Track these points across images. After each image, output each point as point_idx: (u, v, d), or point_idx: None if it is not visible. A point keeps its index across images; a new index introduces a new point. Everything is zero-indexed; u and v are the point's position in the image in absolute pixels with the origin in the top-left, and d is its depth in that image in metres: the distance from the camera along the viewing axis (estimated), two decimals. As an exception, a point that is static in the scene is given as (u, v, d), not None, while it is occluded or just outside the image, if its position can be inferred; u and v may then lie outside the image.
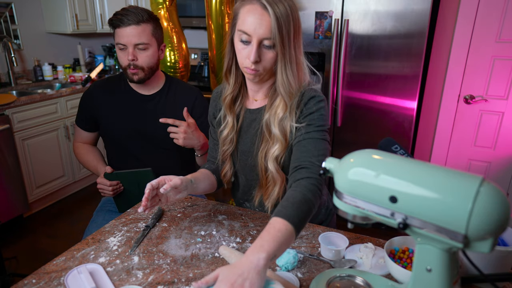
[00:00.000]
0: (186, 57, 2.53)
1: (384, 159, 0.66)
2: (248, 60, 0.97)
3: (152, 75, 1.46)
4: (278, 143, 1.04)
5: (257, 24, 0.93)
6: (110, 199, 1.60)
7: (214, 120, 1.23)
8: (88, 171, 3.30)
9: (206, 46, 2.72)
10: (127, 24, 1.33)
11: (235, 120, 1.14)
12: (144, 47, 1.38)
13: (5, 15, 3.10)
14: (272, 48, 0.96)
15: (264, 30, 0.93)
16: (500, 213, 0.54)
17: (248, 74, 1.01)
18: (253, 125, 1.12)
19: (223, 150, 1.17)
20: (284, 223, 0.80)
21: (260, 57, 0.96)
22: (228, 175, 1.22)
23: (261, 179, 1.13)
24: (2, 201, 2.59)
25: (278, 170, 1.07)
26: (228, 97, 1.12)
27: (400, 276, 0.86)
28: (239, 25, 0.97)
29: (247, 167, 1.17)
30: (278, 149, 1.05)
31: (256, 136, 1.11)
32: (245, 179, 1.20)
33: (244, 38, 0.96)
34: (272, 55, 0.97)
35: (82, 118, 1.56)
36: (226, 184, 1.24)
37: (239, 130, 1.15)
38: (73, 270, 0.92)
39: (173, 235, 1.10)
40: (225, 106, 1.13)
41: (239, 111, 1.14)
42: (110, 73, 3.81)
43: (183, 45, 2.50)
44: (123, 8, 1.37)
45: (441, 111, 2.35)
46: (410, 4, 2.17)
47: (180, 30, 2.52)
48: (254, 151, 1.12)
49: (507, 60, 2.09)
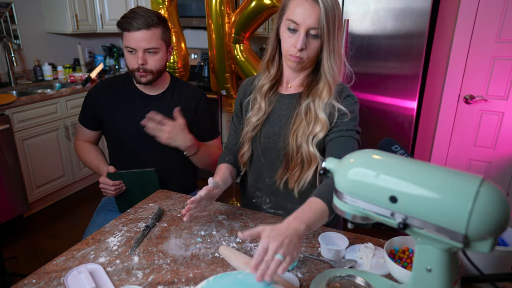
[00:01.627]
0: (185, 57, 2.53)
1: (384, 159, 0.66)
2: (293, 48, 1.04)
3: (159, 77, 1.47)
4: (320, 126, 1.09)
5: (306, 15, 1.01)
6: (110, 199, 1.59)
7: (239, 109, 1.28)
8: (88, 171, 3.30)
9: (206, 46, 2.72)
10: (136, 28, 1.32)
11: (267, 105, 1.18)
12: (154, 51, 1.38)
13: (5, 15, 3.10)
14: (317, 38, 1.04)
15: (313, 20, 1.01)
16: (500, 213, 0.54)
17: (292, 62, 1.08)
18: (284, 109, 1.17)
19: (246, 132, 1.21)
20: (322, 203, 0.89)
21: (305, 45, 1.04)
22: (245, 156, 1.25)
23: (290, 160, 1.15)
24: (2, 201, 2.59)
25: (315, 152, 1.11)
26: (266, 85, 1.17)
27: (400, 276, 0.87)
28: (288, 15, 1.04)
29: (271, 149, 1.19)
30: (321, 131, 1.09)
31: (287, 119, 1.15)
32: (264, 163, 1.22)
33: (292, 27, 1.03)
34: (316, 45, 1.05)
35: (86, 116, 1.56)
36: (243, 165, 1.28)
37: (269, 113, 1.19)
38: (73, 270, 0.92)
39: (173, 235, 1.10)
40: (261, 94, 1.18)
41: (271, 96, 1.19)
42: (110, 73, 3.81)
43: (182, 45, 2.51)
44: (132, 11, 1.35)
45: (441, 111, 2.35)
46: (410, 4, 2.17)
47: (179, 30, 2.52)
48: (283, 132, 1.15)
49: (507, 60, 2.09)
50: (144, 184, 1.45)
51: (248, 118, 1.21)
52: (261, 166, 1.23)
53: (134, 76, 1.43)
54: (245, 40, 2.41)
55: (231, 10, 2.38)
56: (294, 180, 1.15)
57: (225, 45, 2.42)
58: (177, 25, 2.49)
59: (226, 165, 1.27)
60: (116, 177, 1.42)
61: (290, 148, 1.13)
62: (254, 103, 1.20)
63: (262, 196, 1.27)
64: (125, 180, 1.45)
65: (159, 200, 1.32)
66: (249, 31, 2.38)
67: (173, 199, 1.33)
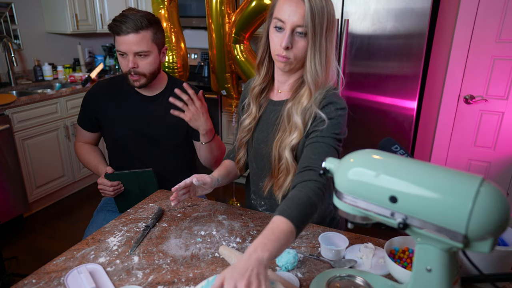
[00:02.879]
0: (185, 57, 2.53)
1: (384, 159, 0.66)
2: (280, 47, 1.01)
3: (154, 79, 1.46)
4: (296, 132, 1.06)
5: (291, 12, 0.98)
6: (110, 199, 1.60)
7: (241, 110, 1.29)
8: (88, 171, 3.30)
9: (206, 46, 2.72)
10: (126, 32, 1.31)
11: (258, 110, 1.18)
12: (144, 54, 1.37)
13: (5, 15, 3.10)
14: (304, 37, 1.00)
15: (298, 18, 0.98)
16: (500, 213, 0.54)
17: (279, 62, 1.04)
18: (272, 116, 1.16)
19: (240, 137, 1.22)
20: (287, 224, 0.81)
21: (292, 44, 1.01)
22: (241, 162, 1.27)
23: (273, 168, 1.15)
24: (2, 201, 2.59)
25: (293, 160, 1.09)
26: (257, 88, 1.17)
27: (400, 276, 0.87)
28: (275, 13, 1.02)
29: (260, 156, 1.19)
30: (296, 138, 1.06)
31: (273, 126, 1.14)
32: (256, 167, 1.23)
33: (278, 25, 1.01)
34: (303, 44, 1.01)
35: (84, 118, 1.56)
36: (239, 170, 1.29)
37: (259, 119, 1.19)
38: (73, 270, 0.92)
39: (173, 235, 1.10)
40: (252, 96, 1.18)
41: (262, 101, 1.19)
42: (110, 73, 3.81)
43: (181, 44, 2.51)
44: (122, 14, 1.34)
45: (441, 111, 2.35)
46: (410, 4, 2.17)
47: (179, 30, 2.52)
48: (269, 140, 1.15)
49: (507, 60, 2.09)
50: (143, 184, 1.45)
51: (242, 120, 1.21)
52: (254, 171, 1.25)
53: (127, 79, 1.42)
54: (245, 40, 2.41)
55: (231, 10, 2.38)
56: (277, 188, 1.14)
57: (225, 45, 2.42)
58: (177, 25, 2.49)
59: (230, 161, 1.30)
60: (114, 178, 1.42)
61: (273, 157, 1.12)
62: (248, 106, 1.20)
63: (257, 199, 1.28)
64: (123, 181, 1.45)
65: (159, 200, 1.32)
66: (249, 31, 2.38)
67: (173, 199, 1.33)
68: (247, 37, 2.40)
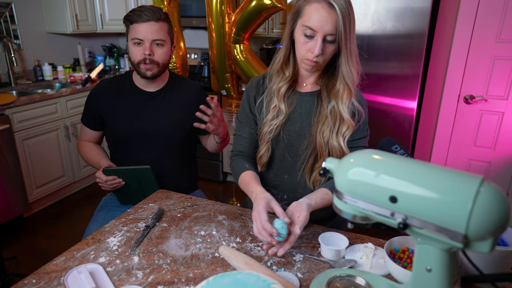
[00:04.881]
0: (184, 56, 2.53)
1: (384, 159, 0.66)
2: (310, 53, 1.05)
3: (163, 72, 1.50)
4: (346, 126, 1.14)
5: (323, 22, 1.01)
6: (111, 199, 1.60)
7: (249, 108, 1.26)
8: (88, 171, 3.30)
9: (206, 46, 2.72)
10: (145, 20, 1.37)
11: (287, 106, 1.19)
12: (161, 43, 1.42)
13: (5, 15, 3.10)
14: (334, 43, 1.05)
15: (330, 27, 1.01)
16: (500, 213, 0.54)
17: (307, 65, 1.09)
18: (303, 106, 1.19)
19: (265, 133, 1.20)
20: (330, 194, 1.09)
21: (322, 50, 1.05)
22: (265, 157, 1.24)
23: (315, 157, 1.19)
24: (2, 201, 2.59)
25: (346, 150, 1.15)
26: (284, 87, 1.17)
27: (400, 276, 0.87)
28: (304, 20, 1.04)
29: (295, 147, 1.21)
30: (348, 131, 1.14)
31: (309, 117, 1.18)
32: (289, 159, 1.23)
33: (308, 33, 1.04)
34: (332, 49, 1.07)
35: (88, 116, 1.58)
36: (261, 166, 1.27)
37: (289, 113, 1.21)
38: (73, 270, 0.92)
39: (173, 235, 1.10)
40: (279, 96, 1.18)
41: (290, 96, 1.20)
42: (110, 73, 3.81)
43: (181, 44, 2.51)
44: (141, 6, 1.42)
45: (441, 111, 2.35)
46: (410, 4, 2.17)
47: (179, 29, 2.52)
48: (306, 130, 1.18)
49: (507, 60, 2.09)
50: (142, 180, 1.46)
51: (266, 120, 1.20)
52: (281, 164, 1.25)
53: (139, 69, 1.44)
54: (245, 40, 2.41)
55: (231, 10, 2.38)
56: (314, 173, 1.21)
57: (225, 45, 2.42)
58: (177, 25, 2.49)
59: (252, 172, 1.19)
60: (111, 173, 1.43)
61: (318, 144, 1.16)
62: (270, 104, 1.19)
63: (279, 193, 1.28)
64: (121, 176, 1.45)
65: (159, 200, 1.32)
66: (249, 31, 2.37)
67: (173, 199, 1.33)
68: (246, 37, 2.40)
